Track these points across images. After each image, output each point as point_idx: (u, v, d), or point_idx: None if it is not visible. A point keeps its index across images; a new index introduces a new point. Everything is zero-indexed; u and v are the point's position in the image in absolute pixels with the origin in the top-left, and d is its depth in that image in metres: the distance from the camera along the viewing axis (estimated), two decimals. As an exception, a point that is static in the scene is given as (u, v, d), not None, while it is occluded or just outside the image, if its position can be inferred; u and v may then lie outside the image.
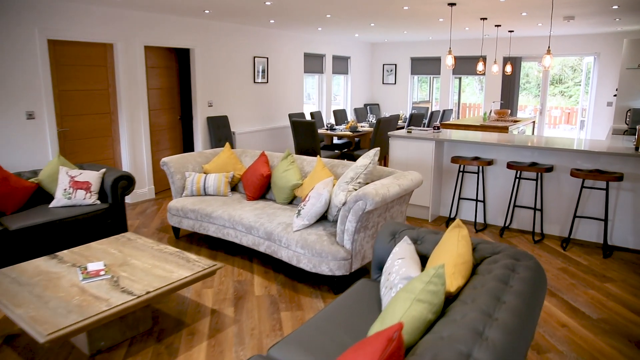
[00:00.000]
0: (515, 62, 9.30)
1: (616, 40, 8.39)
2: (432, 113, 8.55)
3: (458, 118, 11.84)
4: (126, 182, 4.62)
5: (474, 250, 2.36)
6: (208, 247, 4.61)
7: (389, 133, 5.45)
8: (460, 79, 18.37)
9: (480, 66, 7.41)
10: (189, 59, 7.08)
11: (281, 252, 3.75)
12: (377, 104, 11.17)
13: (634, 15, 6.21)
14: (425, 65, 10.46)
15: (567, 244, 4.50)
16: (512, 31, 8.15)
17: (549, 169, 4.50)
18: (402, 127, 8.70)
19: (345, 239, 3.42)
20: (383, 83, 11.07)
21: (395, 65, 10.82)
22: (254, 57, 7.89)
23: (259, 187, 4.50)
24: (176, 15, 6.47)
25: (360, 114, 9.47)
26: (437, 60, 10.27)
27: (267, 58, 8.15)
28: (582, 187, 4.36)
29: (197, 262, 3.19)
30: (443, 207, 5.49)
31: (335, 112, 8.80)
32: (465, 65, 9.94)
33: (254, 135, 7.92)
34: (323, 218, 3.87)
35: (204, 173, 4.97)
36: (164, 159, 4.89)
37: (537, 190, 4.71)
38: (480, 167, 5.11)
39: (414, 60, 10.61)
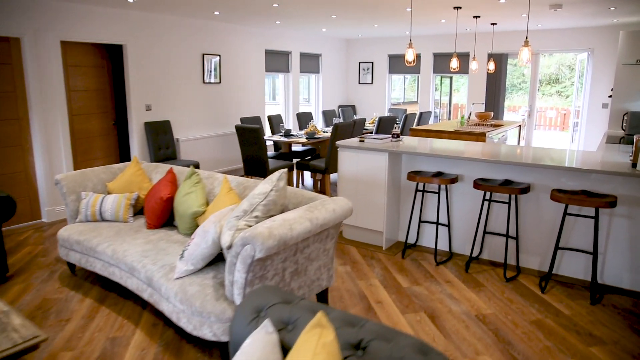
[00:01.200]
0: (501, 59, 8.38)
1: (612, 34, 7.47)
2: (406, 116, 7.64)
3: (449, 119, 10.94)
4: (-6, 207, 3.71)
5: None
6: (101, 286, 3.70)
7: (336, 143, 4.54)
8: (451, 78, 17.46)
9: (453, 63, 6.49)
10: (122, 57, 6.17)
11: (162, 304, 2.84)
12: (353, 106, 10.25)
13: (631, 3, 5.30)
14: (404, 63, 9.53)
15: (546, 283, 3.58)
16: (495, 24, 7.24)
17: (525, 190, 3.58)
18: (371, 132, 7.78)
19: (235, 293, 2.51)
20: (359, 83, 10.16)
21: (372, 63, 9.91)
22: (203, 55, 6.98)
23: (159, 213, 3.59)
24: (101, 6, 5.56)
25: (331, 116, 8.55)
26: (417, 58, 9.35)
27: (220, 56, 7.24)
28: (565, 213, 3.44)
29: (13, 332, 2.27)
30: (402, 231, 4.57)
31: (299, 115, 7.89)
32: (447, 62, 9.02)
33: (202, 143, 7.01)
34: (221, 260, 2.96)
35: (108, 193, 4.06)
36: (58, 177, 3.97)
37: (509, 214, 3.79)
38: (442, 186, 4.20)
39: (392, 58, 9.70)
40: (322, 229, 2.75)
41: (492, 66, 7.60)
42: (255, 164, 5.84)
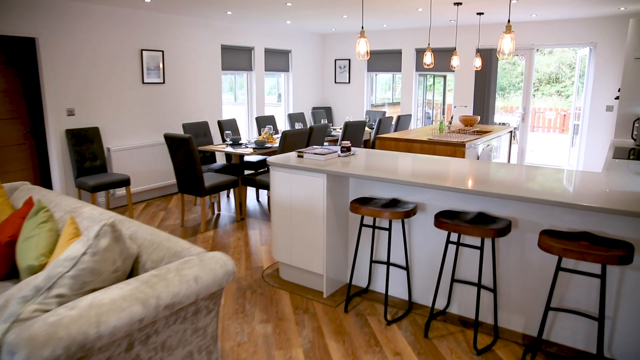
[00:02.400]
0: (490, 55, 7.37)
1: (618, 25, 6.46)
2: (380, 121, 6.63)
3: (441, 122, 9.98)
4: None
5: None
6: None
7: (268, 159, 3.54)
8: (445, 77, 16.45)
9: (427, 58, 5.48)
10: (35, 52, 5.19)
11: None
12: (329, 107, 9.25)
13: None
14: (385, 60, 8.54)
15: (534, 355, 2.58)
16: (482, 14, 6.23)
17: (503, 231, 2.58)
18: (334, 143, 6.78)
19: None
20: (335, 82, 9.15)
21: (349, 60, 8.90)
22: (142, 51, 5.99)
23: (-3, 261, 2.59)
24: (-7, -13, 4.57)
25: (297, 121, 7.56)
26: (397, 54, 8.35)
27: (163, 52, 6.24)
28: (559, 268, 2.44)
29: None
30: (355, 272, 3.57)
31: (259, 119, 6.89)
32: (440, 59, 8.00)
33: (140, 153, 6.01)
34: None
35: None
36: None
37: (482, 260, 2.80)
38: (394, 221, 3.20)
39: (371, 54, 8.68)
40: (169, 313, 1.75)
41: (478, 62, 6.60)
42: (188, 181, 4.84)
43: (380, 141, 5.07)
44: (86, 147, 5.41)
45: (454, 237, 3.10)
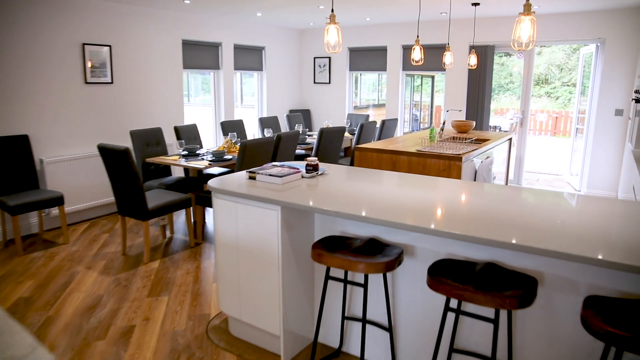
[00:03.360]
0: (485, 52, 6.61)
1: (631, 18, 5.74)
2: (362, 127, 5.83)
3: (430, 125, 9.20)
4: None
5: None
6: None
7: (209, 183, 2.70)
8: (433, 77, 15.73)
9: (416, 53, 4.68)
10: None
11: None
12: (307, 110, 8.43)
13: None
14: (369, 58, 7.75)
15: None
16: (477, 4, 5.46)
17: (526, 299, 1.78)
18: (310, 152, 5.94)
19: None
20: (315, 82, 8.34)
21: (329, 58, 8.09)
22: (83, 45, 5.11)
23: None
24: None
25: (270, 125, 6.72)
26: (383, 52, 7.56)
27: (110, 46, 5.37)
28: (607, 348, 1.65)
29: None
30: (322, 328, 2.75)
31: (225, 124, 6.05)
32: (430, 56, 7.24)
33: (82, 165, 5.13)
34: None
35: None
36: None
37: (497, 331, 2.00)
38: (373, 275, 2.39)
39: (353, 52, 7.89)
40: None
41: (473, 60, 5.84)
42: (128, 201, 3.98)
43: (360, 153, 4.27)
44: (10, 159, 4.52)
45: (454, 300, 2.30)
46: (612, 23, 5.85)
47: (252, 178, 2.76)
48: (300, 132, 6.17)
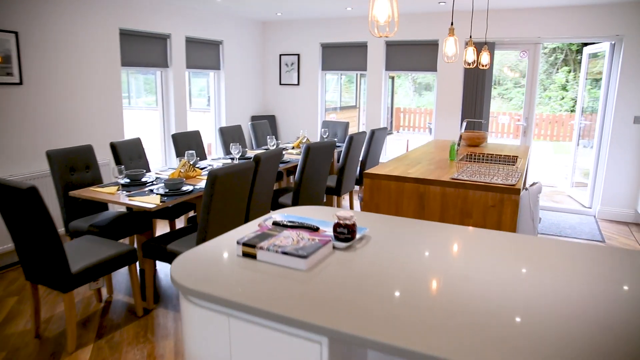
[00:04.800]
0: (488, 48, 5.71)
1: (651, 13, 5.02)
2: (351, 139, 4.73)
3: (390, 129, 8.28)
4: None
5: None
6: None
7: (172, 273, 1.50)
8: (393, 78, 14.91)
9: (450, 47, 3.64)
10: None
11: None
12: (272, 116, 7.24)
13: None
14: (345, 56, 6.68)
15: None
16: (490, -9, 4.52)
17: None
18: (292, 171, 4.79)
19: None
20: (281, 84, 7.16)
21: (298, 55, 6.94)
22: (-23, 30, 3.68)
23: None
24: None
25: (233, 137, 5.49)
26: (362, 48, 6.51)
27: (17, 34, 3.95)
28: None
29: None
30: None
31: (177, 138, 4.75)
32: (407, 55, 6.26)
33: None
34: None
35: None
36: None
37: None
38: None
39: (327, 49, 6.79)
40: None
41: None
42: (40, 263, 2.66)
43: (371, 181, 3.16)
44: None
45: None
46: (631, 18, 5.10)
47: (248, 255, 1.59)
48: (272, 145, 4.99)
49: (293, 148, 5.48)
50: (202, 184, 3.51)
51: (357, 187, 6.23)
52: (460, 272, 1.49)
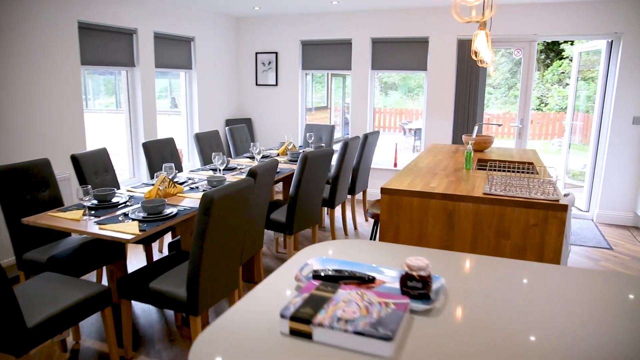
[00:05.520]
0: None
1: (651, 9, 4.83)
2: (346, 145, 4.28)
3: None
4: None
5: None
6: None
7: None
8: (344, 77, 14.53)
9: (481, 43, 3.25)
10: None
11: None
12: (249, 119, 6.71)
13: None
14: (328, 55, 6.23)
15: None
16: (494, -17, 4.18)
17: None
18: (288, 177, 4.29)
19: None
20: (257, 84, 6.64)
21: (276, 54, 6.44)
22: None
23: None
24: None
25: (211, 144, 4.94)
26: (346, 46, 6.08)
27: (-47, 26, 3.28)
28: None
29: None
30: None
31: (148, 147, 4.16)
32: (395, 53, 5.88)
33: None
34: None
35: None
36: None
37: None
38: None
39: (308, 46, 6.32)
40: None
41: (487, 56, 4.55)
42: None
43: (389, 197, 2.72)
44: None
45: None
46: (630, 15, 4.90)
47: (300, 334, 1.11)
48: (257, 152, 4.48)
49: (278, 155, 4.98)
50: (185, 203, 2.97)
51: (349, 196, 5.80)
52: (591, 335, 1.06)
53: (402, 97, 14.70)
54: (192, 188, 3.37)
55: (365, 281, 1.38)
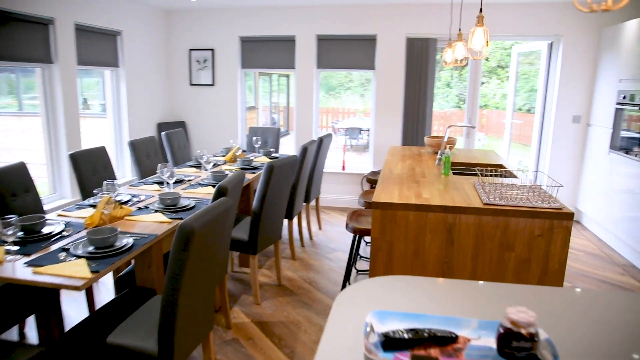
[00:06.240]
0: (427, 46, 5.33)
1: (589, 14, 4.99)
2: (304, 150, 3.94)
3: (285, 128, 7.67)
4: None
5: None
6: None
7: None
8: (288, 76, 14.23)
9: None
10: None
11: None
12: (182, 122, 6.12)
13: None
14: (269, 52, 5.83)
15: None
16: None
17: None
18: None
19: None
20: (192, 84, 6.07)
21: (213, 51, 5.92)
22: None
23: None
24: None
25: (147, 151, 4.35)
26: (290, 43, 5.73)
27: None
28: None
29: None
30: None
31: (76, 159, 3.52)
32: (342, 51, 5.63)
33: None
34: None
35: None
36: None
37: None
38: None
39: (247, 43, 5.87)
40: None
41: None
42: None
43: (381, 212, 2.43)
44: None
45: None
46: (569, 18, 5.05)
47: None
48: (205, 161, 4.00)
49: (225, 163, 4.52)
50: (139, 229, 2.47)
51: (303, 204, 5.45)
52: None
53: (325, 96, 14.52)
54: (140, 208, 2.85)
55: (448, 341, 1.08)
